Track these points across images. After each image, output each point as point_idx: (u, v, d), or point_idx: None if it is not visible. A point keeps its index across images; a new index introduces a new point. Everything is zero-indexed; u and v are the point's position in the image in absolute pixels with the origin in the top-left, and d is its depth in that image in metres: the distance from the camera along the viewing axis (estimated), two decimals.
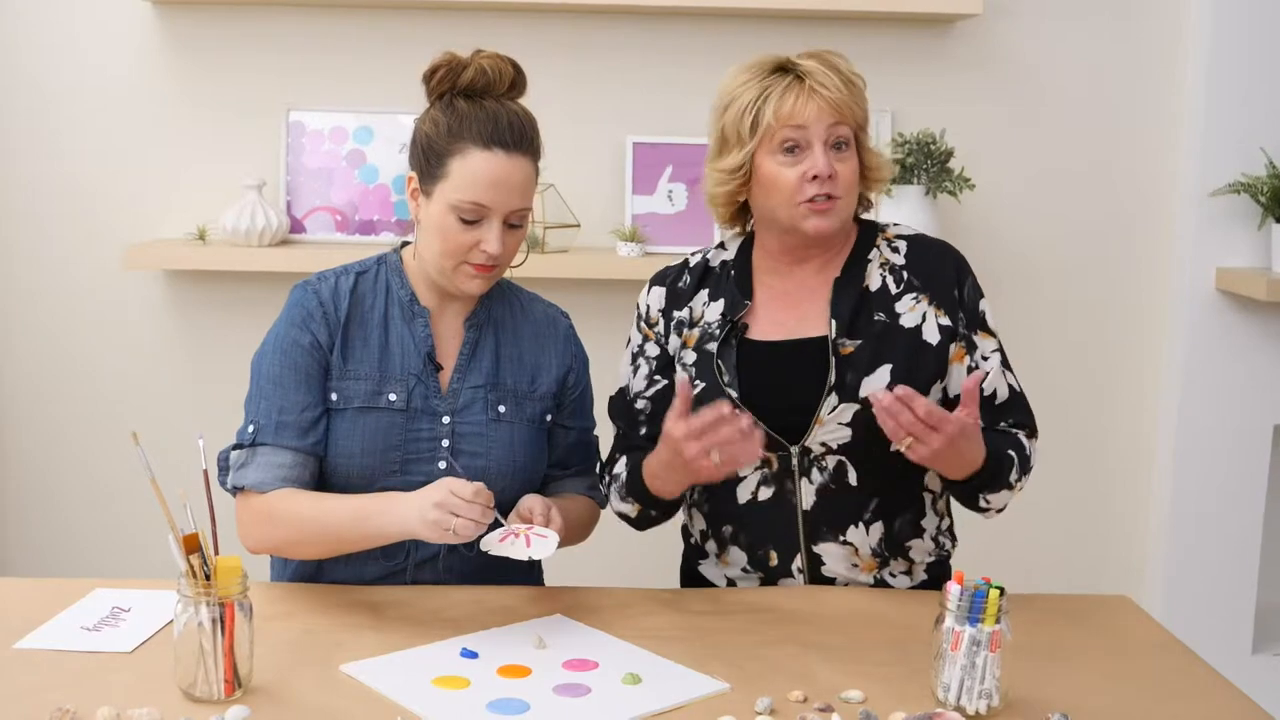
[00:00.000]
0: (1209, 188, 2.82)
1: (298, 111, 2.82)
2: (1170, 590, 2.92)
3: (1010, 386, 1.80)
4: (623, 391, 1.87)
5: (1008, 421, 1.79)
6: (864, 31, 2.81)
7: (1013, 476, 1.74)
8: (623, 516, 1.84)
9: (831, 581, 1.79)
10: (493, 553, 1.61)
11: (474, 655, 1.51)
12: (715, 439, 1.60)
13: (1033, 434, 1.81)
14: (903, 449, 1.60)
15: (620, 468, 1.81)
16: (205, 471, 1.45)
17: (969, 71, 2.86)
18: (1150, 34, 2.86)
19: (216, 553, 1.42)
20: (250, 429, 1.71)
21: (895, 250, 1.81)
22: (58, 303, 2.88)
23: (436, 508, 1.55)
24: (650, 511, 1.81)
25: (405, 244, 1.82)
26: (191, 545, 1.40)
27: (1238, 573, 2.92)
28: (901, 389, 1.59)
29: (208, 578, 1.40)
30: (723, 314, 1.80)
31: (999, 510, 1.79)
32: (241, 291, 2.85)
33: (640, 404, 1.84)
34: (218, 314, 2.88)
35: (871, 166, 1.79)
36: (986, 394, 1.77)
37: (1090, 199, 2.91)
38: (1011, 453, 1.74)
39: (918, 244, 1.82)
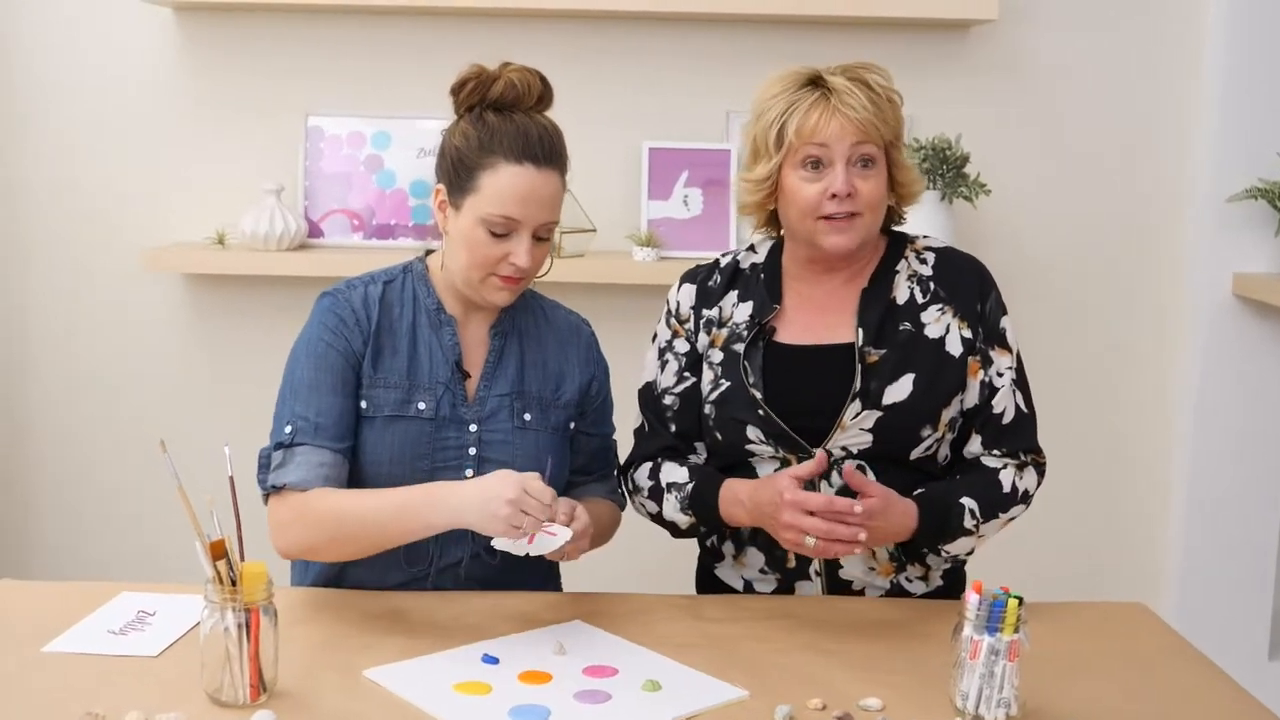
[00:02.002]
0: (1226, 193, 2.82)
1: (316, 116, 2.84)
2: (1186, 598, 2.92)
3: (1019, 407, 1.79)
4: (650, 386, 1.88)
5: (1000, 450, 1.79)
6: (880, 36, 2.82)
7: (969, 523, 1.73)
8: (669, 525, 1.84)
9: (849, 584, 1.80)
10: (498, 547, 1.60)
11: (495, 661, 1.53)
12: (819, 528, 1.62)
13: (1029, 463, 1.80)
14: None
15: (677, 475, 1.81)
16: (231, 478, 1.46)
17: (985, 77, 2.86)
18: (1166, 40, 2.86)
19: (242, 559, 1.44)
20: (288, 429, 1.70)
21: (923, 262, 1.82)
22: (77, 306, 2.90)
23: (509, 504, 1.54)
24: (702, 528, 1.82)
25: (429, 252, 1.84)
26: (218, 551, 1.42)
27: (1254, 580, 2.92)
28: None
29: (234, 583, 1.41)
30: (751, 315, 1.82)
31: (969, 553, 1.79)
32: (260, 295, 2.87)
33: (668, 400, 1.85)
34: (236, 317, 2.90)
35: (903, 183, 1.80)
36: (996, 411, 1.78)
37: (1106, 204, 2.91)
38: (967, 500, 1.74)
39: (946, 256, 1.83)
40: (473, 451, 1.75)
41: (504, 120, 1.69)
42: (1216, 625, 2.86)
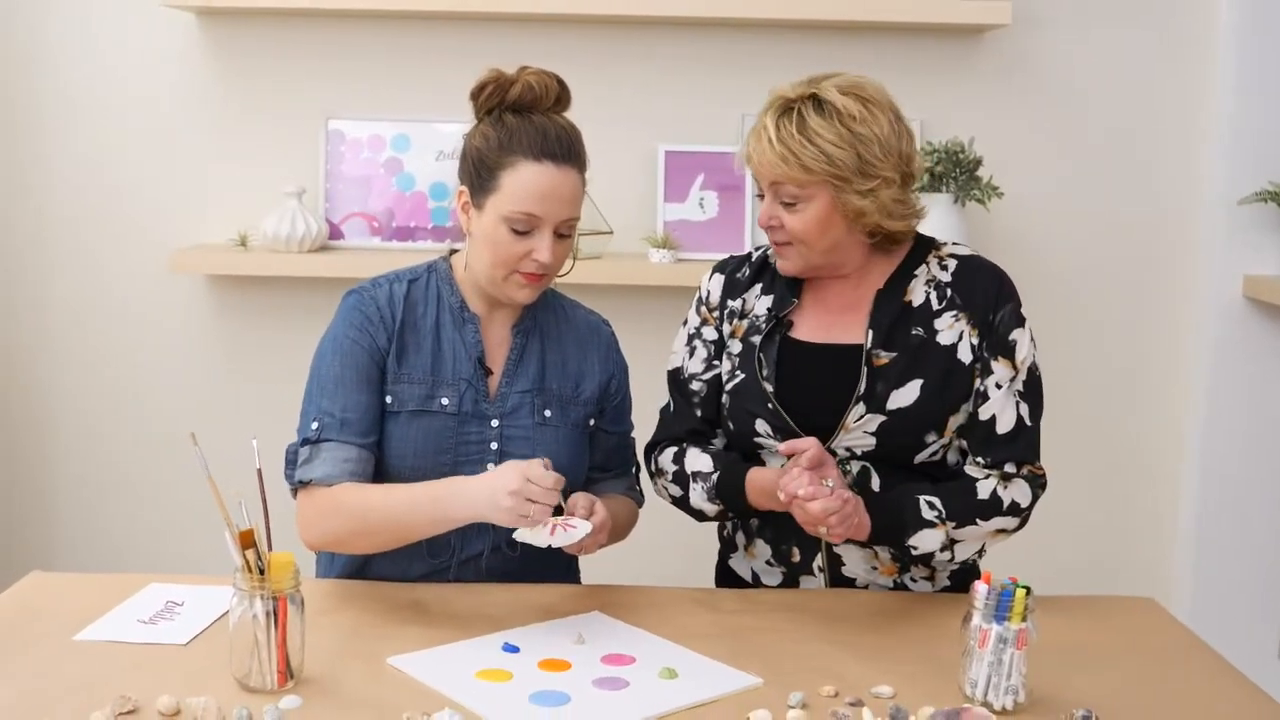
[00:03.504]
0: (1236, 195, 2.84)
1: (336, 120, 2.88)
2: (1196, 597, 2.94)
3: (1021, 419, 1.77)
4: (677, 370, 1.91)
5: (986, 459, 1.77)
6: (893, 41, 2.85)
7: (930, 514, 1.72)
8: (694, 512, 1.85)
9: (851, 582, 1.82)
10: (519, 539, 1.63)
11: (515, 650, 1.56)
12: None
13: (1019, 475, 1.77)
14: (823, 533, 1.67)
15: (702, 464, 1.82)
16: (259, 470, 1.49)
17: (997, 81, 2.88)
18: (1178, 44, 2.88)
19: (270, 549, 1.47)
20: (315, 425, 1.74)
21: (944, 268, 1.81)
22: (103, 306, 2.95)
23: (512, 495, 1.58)
24: (729, 514, 1.84)
25: (453, 252, 1.87)
26: (247, 541, 1.46)
27: (1264, 576, 2.94)
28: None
29: (262, 573, 1.45)
30: (770, 309, 1.84)
31: (949, 553, 1.75)
32: (281, 296, 2.91)
33: (696, 385, 1.88)
34: (258, 317, 2.94)
35: (859, 213, 1.73)
36: (983, 419, 1.76)
37: (1117, 207, 2.93)
38: (925, 497, 1.72)
39: (968, 264, 1.82)
40: (494, 446, 1.78)
41: (523, 121, 1.73)
42: (1226, 624, 2.86)
